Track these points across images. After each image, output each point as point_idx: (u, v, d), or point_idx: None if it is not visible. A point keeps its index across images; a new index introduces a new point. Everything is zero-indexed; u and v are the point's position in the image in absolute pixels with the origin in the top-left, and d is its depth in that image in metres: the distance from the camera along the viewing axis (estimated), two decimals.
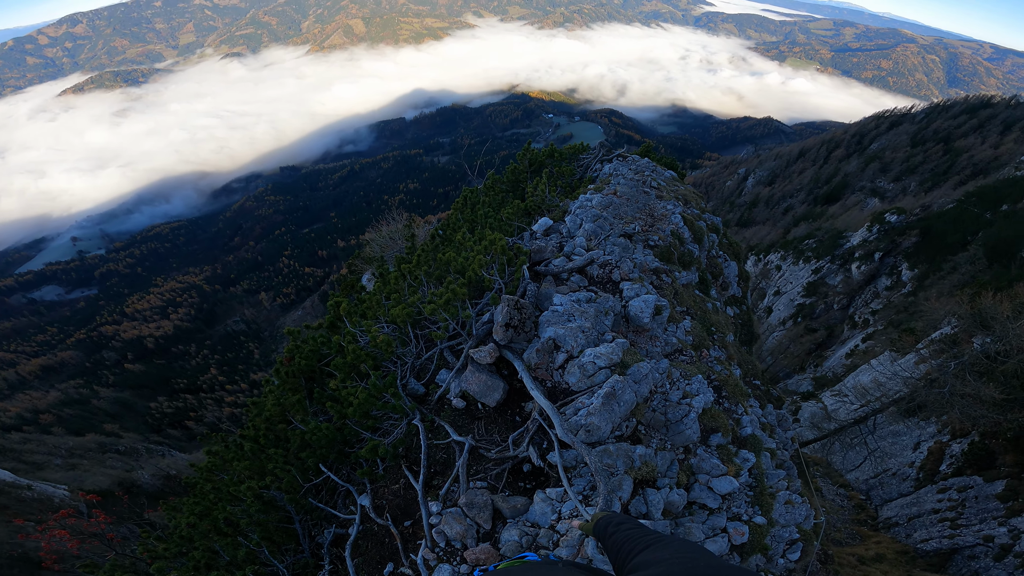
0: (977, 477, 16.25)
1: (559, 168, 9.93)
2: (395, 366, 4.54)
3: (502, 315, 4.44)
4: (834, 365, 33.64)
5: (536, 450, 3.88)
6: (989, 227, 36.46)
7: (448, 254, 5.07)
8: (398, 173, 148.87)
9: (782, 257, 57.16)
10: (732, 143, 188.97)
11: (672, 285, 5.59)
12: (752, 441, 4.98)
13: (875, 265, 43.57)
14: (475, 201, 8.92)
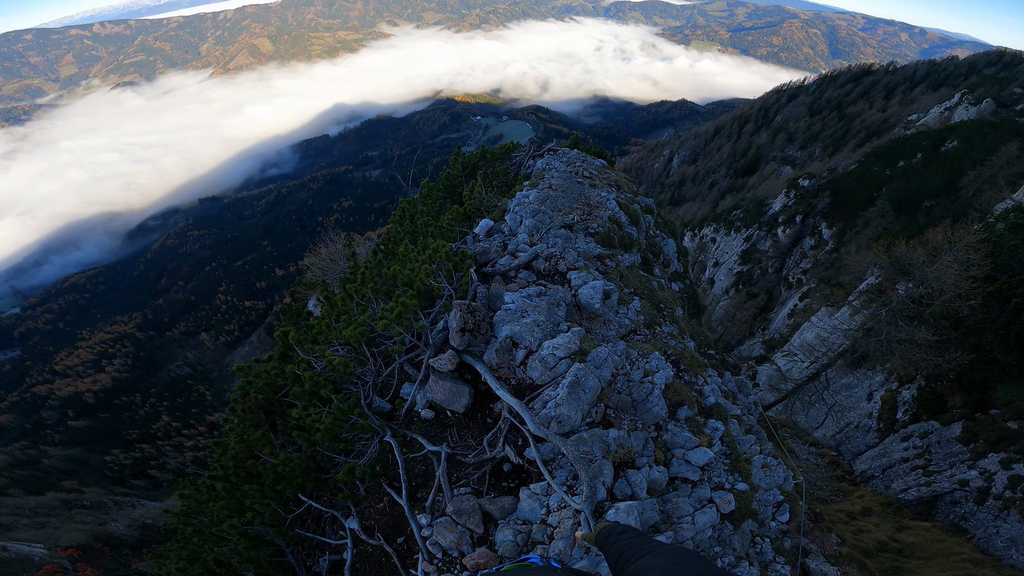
0: (934, 422, 17.07)
1: (493, 168, 9.95)
2: (356, 387, 4.48)
3: (456, 321, 4.42)
4: (779, 326, 35.68)
5: (512, 448, 3.89)
6: (890, 183, 40.28)
7: (393, 268, 5.02)
8: (329, 192, 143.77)
9: (715, 230, 60.42)
10: (653, 127, 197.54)
11: (617, 269, 5.75)
12: (718, 410, 5.17)
13: (798, 227, 47.02)
14: (413, 211, 8.78)
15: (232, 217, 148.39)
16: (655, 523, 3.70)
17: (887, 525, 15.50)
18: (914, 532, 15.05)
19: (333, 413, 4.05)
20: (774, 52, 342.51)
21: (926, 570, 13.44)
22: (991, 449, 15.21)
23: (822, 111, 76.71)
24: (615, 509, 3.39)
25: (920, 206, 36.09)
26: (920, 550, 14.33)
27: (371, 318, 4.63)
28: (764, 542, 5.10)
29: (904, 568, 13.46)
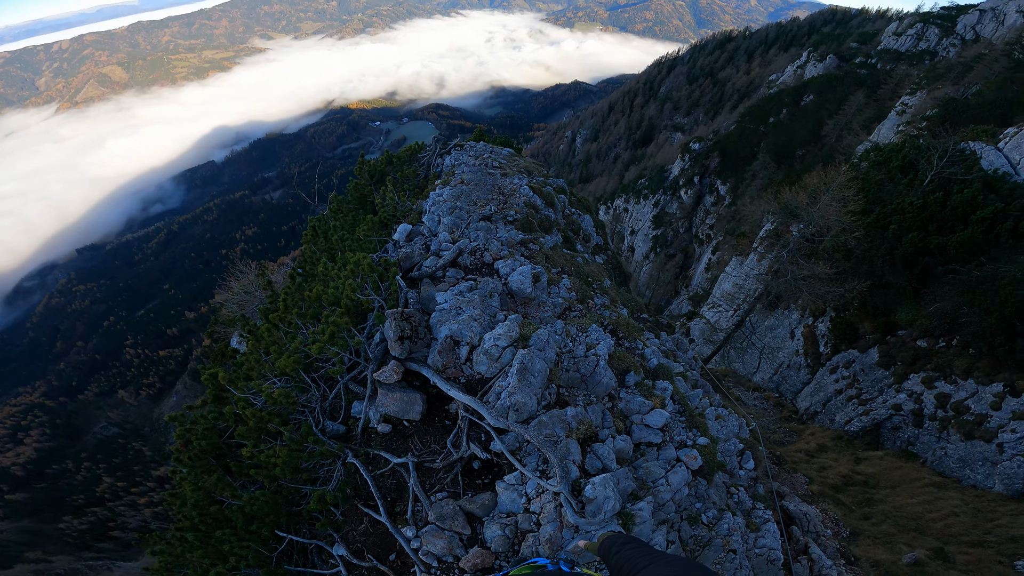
0: (853, 351, 18.44)
1: (401, 172, 9.72)
2: (304, 415, 4.37)
3: (392, 330, 4.34)
4: (700, 281, 38.18)
5: (477, 445, 3.88)
6: (766, 138, 44.56)
7: (316, 289, 4.87)
8: (228, 222, 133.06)
9: (625, 200, 63.56)
10: (553, 111, 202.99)
11: (541, 251, 5.86)
12: (662, 370, 5.40)
13: (697, 188, 50.73)
14: (326, 228, 8.36)
15: (120, 264, 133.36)
16: (633, 491, 3.81)
17: (845, 459, 16.24)
18: (871, 462, 15.95)
19: (287, 445, 3.94)
20: (649, 27, 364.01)
21: (895, 498, 14.16)
22: (910, 370, 16.50)
23: (698, 79, 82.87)
24: (591, 484, 3.47)
25: (794, 155, 40.33)
26: (882, 479, 15.11)
27: (303, 344, 4.49)
28: (739, 491, 5.29)
29: (876, 499, 14.18)
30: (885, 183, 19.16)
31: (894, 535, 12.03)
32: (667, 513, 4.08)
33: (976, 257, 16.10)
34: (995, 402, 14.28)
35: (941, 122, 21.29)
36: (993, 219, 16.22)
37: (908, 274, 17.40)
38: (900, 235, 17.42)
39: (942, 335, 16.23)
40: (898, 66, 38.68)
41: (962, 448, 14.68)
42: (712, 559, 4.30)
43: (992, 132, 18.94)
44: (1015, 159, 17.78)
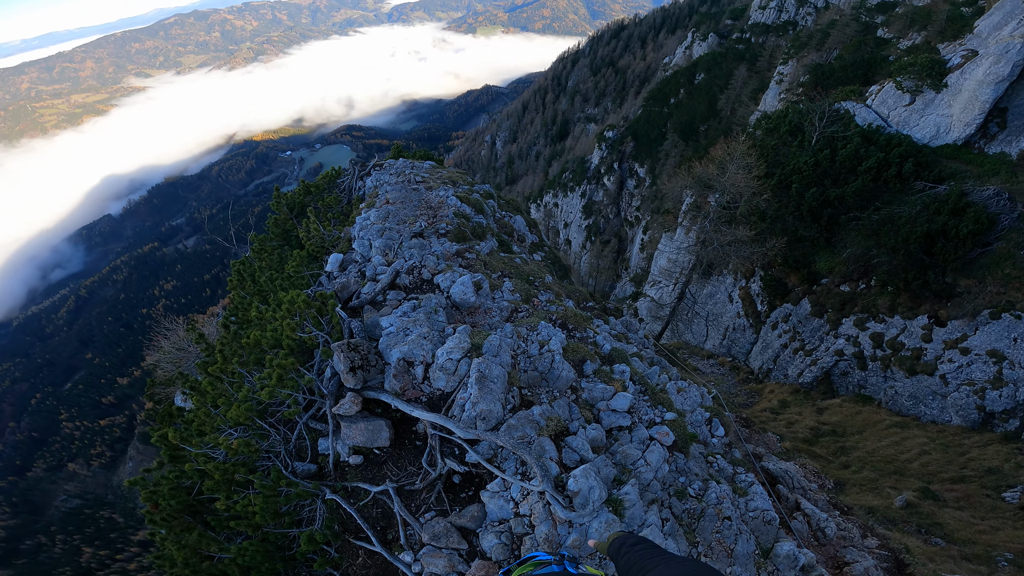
0: (787, 304, 19.66)
1: (323, 201, 9.39)
2: (271, 460, 4.31)
3: (342, 363, 4.27)
4: (637, 262, 39.60)
5: (453, 459, 3.88)
6: (671, 118, 47.28)
7: (253, 335, 4.75)
8: (142, 279, 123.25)
9: (554, 195, 65.04)
10: (469, 117, 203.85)
11: (478, 259, 5.88)
12: (617, 354, 5.53)
13: (618, 173, 52.87)
14: (252, 270, 7.96)
15: (32, 339, 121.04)
16: (615, 476, 3.89)
17: (808, 412, 16.82)
18: (832, 411, 16.64)
19: (261, 492, 3.86)
20: (548, 24, 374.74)
21: (865, 443, 14.66)
22: (840, 315, 17.78)
23: (601, 69, 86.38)
24: (572, 477, 3.53)
25: (698, 131, 43.07)
26: (847, 426, 15.75)
27: (251, 392, 4.40)
28: (717, 459, 5.36)
29: (848, 447, 14.61)
30: (779, 147, 20.95)
31: (877, 480, 12.43)
32: (654, 492, 4.16)
33: (872, 203, 17.98)
34: (925, 334, 15.62)
35: (814, 86, 23.59)
36: (878, 168, 18.17)
37: (817, 226, 19.09)
38: (802, 192, 19.11)
39: (860, 278, 17.90)
40: (768, 38, 42.29)
41: (909, 385, 15.55)
42: (710, 528, 4.36)
43: (859, 91, 21.23)
44: (884, 113, 20.03)
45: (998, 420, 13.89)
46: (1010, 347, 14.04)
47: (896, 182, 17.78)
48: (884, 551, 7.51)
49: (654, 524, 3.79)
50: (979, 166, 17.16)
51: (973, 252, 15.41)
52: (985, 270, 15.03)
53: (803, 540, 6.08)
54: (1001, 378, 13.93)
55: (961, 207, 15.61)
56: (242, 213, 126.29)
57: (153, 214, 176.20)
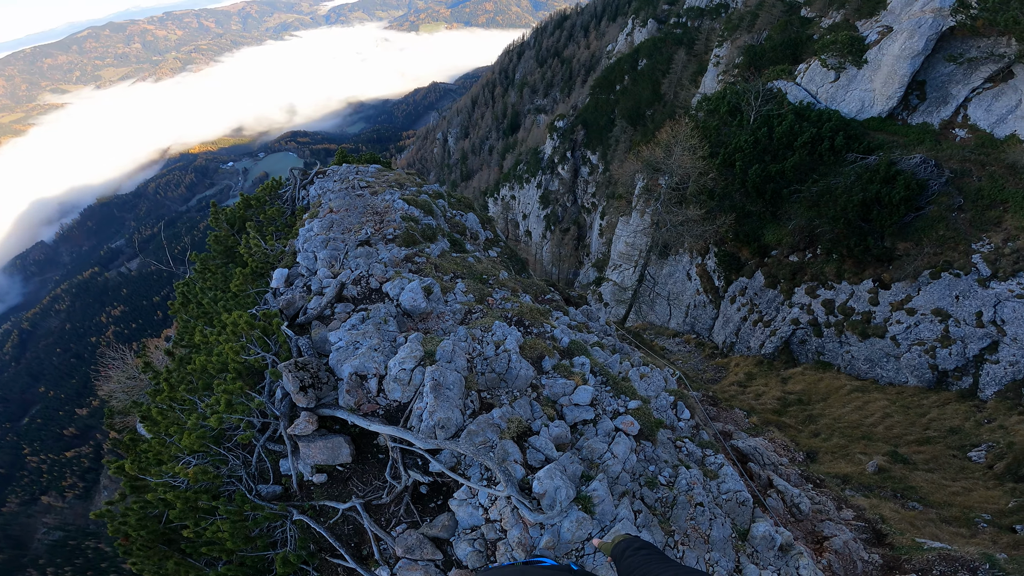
0: (742, 278, 20.28)
1: (265, 214, 8.97)
2: (234, 484, 4.26)
3: (291, 383, 4.16)
4: (597, 248, 40.10)
5: (416, 470, 3.82)
6: (618, 104, 48.04)
7: (198, 360, 4.67)
8: (86, 307, 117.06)
9: (510, 188, 65.05)
10: (418, 116, 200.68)
11: (428, 262, 5.75)
12: (576, 346, 5.47)
13: (572, 161, 53.37)
14: (194, 292, 7.58)
15: None
16: (583, 472, 3.84)
17: (773, 382, 17.21)
18: (795, 379, 17.15)
19: (228, 517, 3.85)
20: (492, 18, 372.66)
21: (830, 410, 15.08)
22: (792, 284, 18.46)
23: (547, 60, 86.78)
24: (536, 479, 3.48)
25: (644, 116, 43.95)
26: (812, 394, 16.20)
27: (202, 419, 4.36)
28: (686, 443, 5.30)
29: (815, 415, 14.96)
30: (721, 127, 21.65)
31: (847, 447, 12.73)
32: (623, 484, 4.09)
33: (810, 176, 18.86)
34: (871, 298, 16.34)
35: (748, 67, 24.48)
36: (812, 142, 19.07)
37: (762, 201, 19.91)
38: (745, 169, 19.85)
39: (806, 247, 18.76)
40: (703, 21, 43.59)
41: (863, 348, 16.15)
42: (684, 516, 4.31)
43: (789, 70, 22.18)
44: (813, 90, 21.00)
45: (952, 378, 14.42)
46: (953, 305, 14.69)
47: (830, 155, 18.72)
48: (861, 522, 7.58)
49: (626, 518, 3.75)
50: (904, 136, 18.28)
51: (907, 217, 16.41)
52: (920, 233, 16.01)
53: (779, 518, 6.09)
54: (948, 336, 14.51)
55: (891, 175, 16.59)
56: (188, 230, 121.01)
57: (89, 237, 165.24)
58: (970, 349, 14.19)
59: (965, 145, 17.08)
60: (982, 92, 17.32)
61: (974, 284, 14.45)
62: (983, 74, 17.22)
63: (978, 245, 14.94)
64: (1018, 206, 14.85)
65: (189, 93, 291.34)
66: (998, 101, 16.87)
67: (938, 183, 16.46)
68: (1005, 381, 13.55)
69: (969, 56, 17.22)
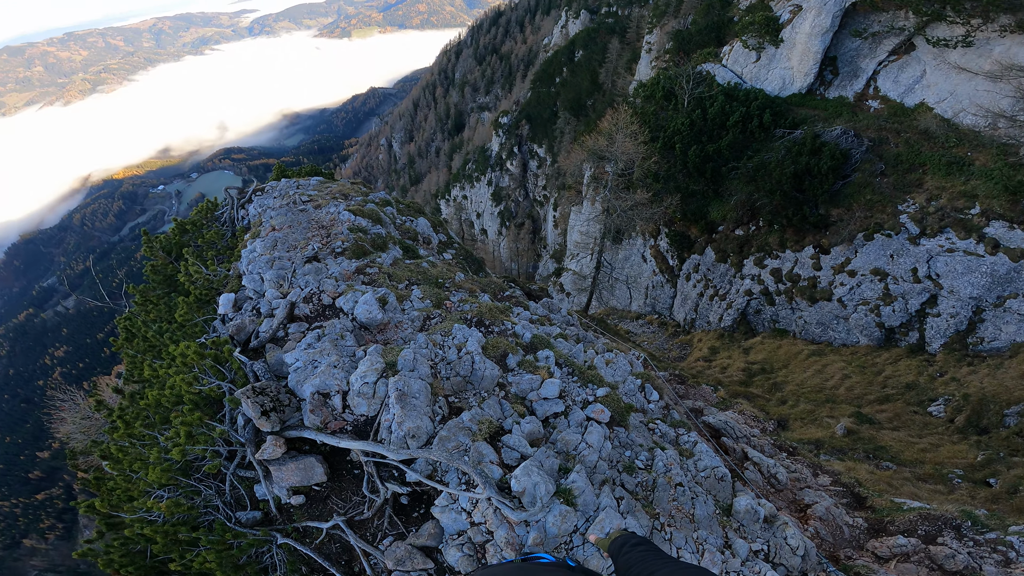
0: (694, 255, 20.94)
1: (203, 238, 8.55)
2: (211, 514, 4.20)
3: (251, 409, 4.08)
4: (554, 239, 40.44)
5: (394, 482, 3.80)
6: (559, 97, 48.64)
7: (151, 394, 4.59)
8: (27, 351, 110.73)
9: (461, 188, 64.69)
10: (359, 123, 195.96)
11: (381, 272, 5.66)
12: (538, 340, 5.48)
13: (519, 156, 53.62)
14: (137, 326, 7.26)
15: None
16: (560, 466, 3.86)
17: (736, 354, 17.66)
18: (756, 349, 17.71)
19: (212, 547, 3.81)
20: (426, 19, 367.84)
21: (793, 375, 15.52)
22: (741, 257, 19.17)
23: (485, 58, 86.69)
24: (513, 478, 3.49)
25: (585, 106, 44.71)
26: (773, 361, 16.70)
27: (164, 452, 4.34)
28: (658, 424, 5.30)
29: (778, 381, 15.34)
30: (658, 112, 22.36)
31: (814, 411, 13.01)
32: (602, 473, 4.10)
33: (745, 152, 19.79)
34: (814, 263, 17.19)
35: (677, 52, 25.35)
36: (743, 121, 20.00)
37: (703, 180, 20.73)
38: (685, 151, 20.60)
39: (749, 221, 19.67)
40: (633, 10, 44.78)
41: (814, 312, 16.86)
42: (666, 498, 4.29)
43: (715, 53, 23.13)
44: (738, 71, 22.00)
45: (899, 335, 15.22)
46: (889, 264, 15.55)
47: (760, 132, 19.72)
48: (839, 487, 7.69)
49: (609, 506, 3.73)
50: (824, 110, 19.48)
51: (836, 185, 17.49)
52: (850, 199, 17.07)
53: (760, 490, 6.13)
54: (890, 294, 15.33)
55: (817, 147, 17.65)
56: (122, 261, 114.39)
57: (18, 277, 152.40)
58: (911, 304, 14.97)
59: (879, 115, 18.40)
60: (888, 65, 18.69)
61: (905, 242, 15.39)
62: (887, 47, 18.58)
63: (904, 206, 16.05)
64: (935, 168, 16.07)
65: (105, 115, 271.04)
66: (903, 72, 18.25)
67: (860, 152, 17.67)
68: (949, 333, 14.31)
69: (873, 30, 18.53)
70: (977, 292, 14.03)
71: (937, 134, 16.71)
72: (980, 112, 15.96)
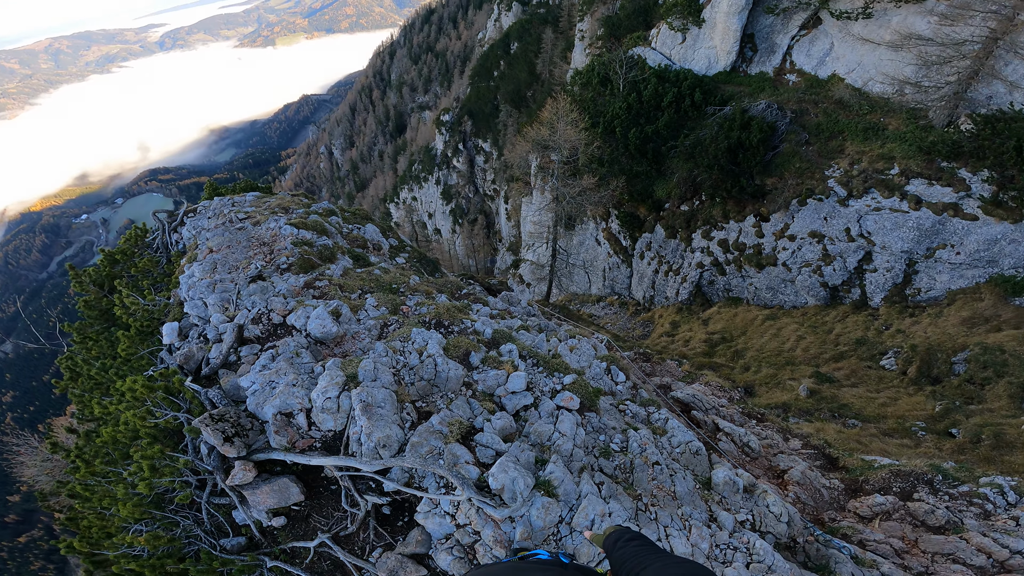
0: (645, 234, 21.42)
1: (136, 267, 8.07)
2: (194, 543, 4.12)
3: (212, 437, 3.97)
4: (508, 232, 40.45)
5: (373, 493, 3.77)
6: (498, 90, 48.59)
7: (106, 432, 4.53)
8: None
9: (410, 190, 63.65)
10: (295, 132, 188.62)
11: (331, 284, 5.52)
12: (500, 335, 5.46)
13: (465, 153, 53.28)
14: (80, 367, 7.09)
15: None
16: (537, 458, 3.85)
17: (696, 326, 18.09)
18: (714, 319, 18.18)
19: None
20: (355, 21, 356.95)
21: (752, 341, 15.97)
22: (689, 232, 19.84)
23: (421, 56, 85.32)
24: (490, 476, 3.49)
25: (525, 98, 44.93)
26: (732, 329, 17.21)
27: (131, 487, 4.25)
28: (628, 405, 5.28)
29: (739, 349, 15.75)
30: (596, 98, 22.80)
31: (776, 375, 13.37)
32: (579, 460, 4.07)
33: (681, 131, 20.52)
34: (756, 231, 18.01)
35: (609, 38, 25.90)
36: (676, 101, 20.70)
37: (645, 160, 21.36)
38: (625, 134, 21.13)
39: (693, 196, 20.43)
40: None
41: (763, 278, 17.53)
42: (645, 478, 4.26)
43: (644, 36, 23.76)
44: (667, 52, 22.70)
45: (842, 292, 16.01)
46: (824, 226, 16.41)
47: (692, 111, 20.50)
48: (810, 449, 7.78)
49: (591, 493, 3.71)
50: (748, 86, 20.47)
51: (767, 156, 18.44)
52: (782, 168, 18.04)
53: (735, 460, 6.12)
54: (828, 254, 16.17)
55: (746, 122, 18.53)
56: (55, 299, 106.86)
57: None
58: (849, 263, 15.84)
59: (798, 88, 19.53)
60: (800, 39, 19.82)
61: (836, 205, 16.36)
62: (797, 22, 19.70)
63: (830, 171, 17.10)
64: (853, 134, 17.21)
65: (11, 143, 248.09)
66: (814, 46, 19.42)
67: (784, 124, 18.71)
68: (888, 287, 15.17)
69: (783, 6, 19.59)
70: (907, 246, 14.90)
71: (851, 103, 17.91)
72: (887, 80, 17.21)
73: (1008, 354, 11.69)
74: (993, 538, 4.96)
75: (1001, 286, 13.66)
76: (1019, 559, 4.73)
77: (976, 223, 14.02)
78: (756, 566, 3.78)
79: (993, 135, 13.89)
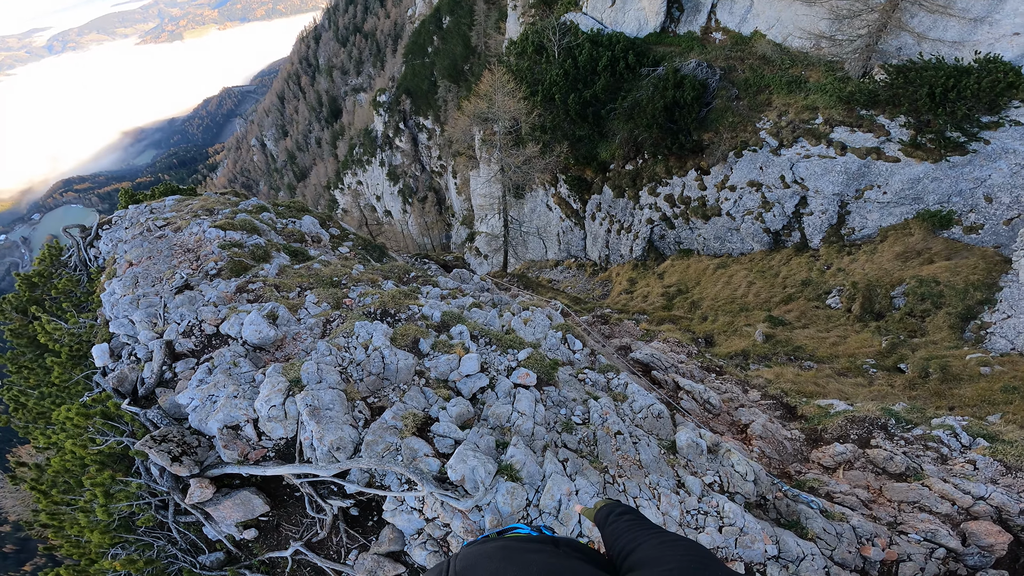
0: (594, 196, 21.69)
1: (57, 288, 7.48)
2: (174, 563, 4.10)
3: (159, 458, 3.90)
4: (460, 207, 39.92)
5: (336, 496, 3.74)
6: (434, 66, 47.00)
7: (55, 461, 4.50)
8: None
9: (353, 174, 61.42)
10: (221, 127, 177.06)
11: (266, 285, 5.27)
12: (449, 317, 5.29)
13: (407, 132, 51.69)
14: (16, 396, 6.79)
15: None
16: (498, 441, 3.77)
17: (652, 280, 18.39)
18: (669, 273, 18.55)
19: None
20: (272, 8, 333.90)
21: (706, 291, 16.30)
22: (636, 190, 20.18)
23: (349, 38, 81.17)
24: (449, 468, 3.44)
25: (463, 71, 43.75)
26: (687, 281, 17.62)
27: (91, 514, 4.21)
28: (587, 374, 5.15)
29: (695, 300, 16.03)
30: (532, 67, 22.51)
31: (732, 322, 13.63)
32: (541, 439, 3.94)
33: (618, 93, 20.62)
34: (699, 184, 18.56)
35: (540, 5, 25.43)
36: (611, 64, 20.71)
37: (587, 124, 21.46)
38: (564, 100, 21.06)
39: (636, 155, 20.76)
40: None
41: (710, 228, 18.16)
42: (609, 450, 4.12)
43: (575, 2, 23.47)
44: (598, 17, 22.55)
45: (784, 236, 16.86)
46: (761, 175, 17.19)
47: (627, 72, 20.61)
48: (768, 400, 7.72)
49: (555, 472, 3.60)
50: (678, 46, 20.70)
51: (702, 112, 18.86)
52: (716, 123, 18.53)
53: (699, 418, 6.03)
54: (767, 201, 16.95)
55: (679, 80, 18.81)
56: None
57: None
58: (787, 208, 16.71)
59: (724, 45, 19.92)
60: None
61: (769, 155, 17.13)
62: None
63: (760, 124, 17.75)
64: (778, 88, 17.83)
65: None
66: (736, 3, 19.76)
67: (715, 80, 19.12)
68: (824, 228, 16.06)
69: None
70: (838, 189, 15.82)
71: (774, 58, 18.48)
72: (804, 35, 17.80)
73: (943, 285, 12.08)
74: (954, 484, 4.93)
75: (928, 220, 14.54)
76: (983, 505, 4.67)
77: (899, 164, 14.90)
78: (728, 529, 3.73)
79: (906, 83, 14.66)
